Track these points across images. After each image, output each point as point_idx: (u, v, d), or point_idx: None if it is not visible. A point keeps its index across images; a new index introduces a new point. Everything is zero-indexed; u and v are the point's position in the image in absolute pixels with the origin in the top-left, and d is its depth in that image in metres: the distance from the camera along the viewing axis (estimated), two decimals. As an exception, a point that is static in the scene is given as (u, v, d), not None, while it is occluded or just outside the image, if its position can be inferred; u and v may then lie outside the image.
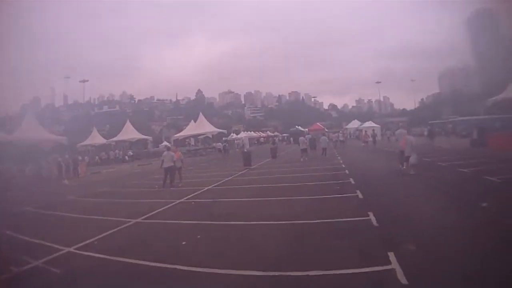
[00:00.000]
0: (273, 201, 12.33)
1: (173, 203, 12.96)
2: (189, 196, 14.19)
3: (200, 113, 52.05)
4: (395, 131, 24.32)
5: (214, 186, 16.90)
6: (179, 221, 10.13)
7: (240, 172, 22.03)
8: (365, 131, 38.59)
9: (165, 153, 17.93)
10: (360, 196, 11.79)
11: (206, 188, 16.10)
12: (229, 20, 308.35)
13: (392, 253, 6.20)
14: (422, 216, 8.87)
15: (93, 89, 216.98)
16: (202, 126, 49.16)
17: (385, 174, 16.99)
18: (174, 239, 8.34)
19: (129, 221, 10.31)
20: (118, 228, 9.65)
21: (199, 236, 8.37)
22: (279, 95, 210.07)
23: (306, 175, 18.33)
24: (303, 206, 11.04)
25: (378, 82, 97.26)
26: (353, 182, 14.85)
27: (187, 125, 55.56)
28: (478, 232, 7.26)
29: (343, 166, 21.31)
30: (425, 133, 42.16)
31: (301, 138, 30.67)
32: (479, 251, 6.15)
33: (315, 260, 6.34)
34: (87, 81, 74.96)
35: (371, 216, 8.89)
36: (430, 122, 68.91)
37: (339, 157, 27.84)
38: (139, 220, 10.51)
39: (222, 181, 18.45)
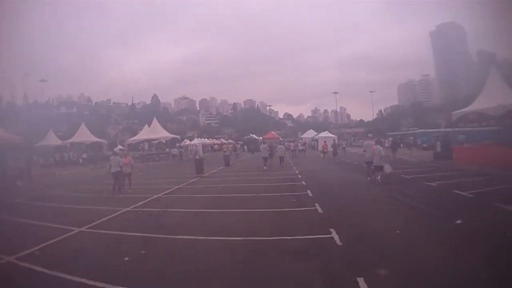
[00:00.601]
0: (224, 213, 11.68)
1: (120, 212, 12.45)
2: (137, 205, 13.67)
3: (154, 118, 51.75)
4: (364, 142, 23.76)
5: (164, 194, 16.46)
6: (124, 233, 9.51)
7: (192, 180, 21.71)
8: (325, 141, 37.80)
9: (112, 157, 17.64)
10: (320, 210, 11.14)
11: (155, 196, 15.65)
12: (187, 26, 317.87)
13: (361, 279, 5.58)
14: (392, 235, 8.25)
15: (53, 89, 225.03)
16: (155, 131, 49.51)
17: (346, 187, 16.55)
18: (117, 253, 7.79)
19: (72, 230, 9.86)
20: (61, 237, 9.20)
21: (143, 252, 7.76)
22: (234, 103, 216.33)
23: (260, 186, 17.97)
24: (257, 220, 10.37)
25: (335, 93, 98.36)
26: (311, 194, 14.35)
27: (141, 129, 55.78)
28: (457, 251, 6.90)
29: (299, 176, 21.01)
30: (386, 144, 43.14)
31: (262, 146, 32.29)
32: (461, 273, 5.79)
33: (269, 286, 5.69)
34: (47, 81, 74.55)
35: (334, 234, 8.23)
36: (389, 133, 70.22)
37: (294, 167, 27.68)
38: (83, 229, 10.02)
39: (173, 189, 18.01)
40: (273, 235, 8.49)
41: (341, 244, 7.58)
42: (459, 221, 8.99)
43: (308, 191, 15.05)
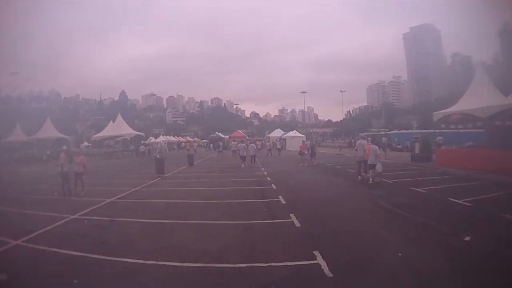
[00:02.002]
0: (181, 226, 9.69)
1: (64, 220, 10.67)
2: (85, 211, 11.94)
3: (119, 114, 52.00)
4: (356, 142, 23.91)
5: (118, 198, 14.71)
6: (60, 250, 7.70)
7: (152, 181, 19.98)
8: (303, 141, 35.70)
9: (61, 155, 16.21)
10: (297, 223, 9.28)
11: (108, 201, 13.90)
12: (157, 23, 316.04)
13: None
14: (394, 260, 6.52)
15: (25, 84, 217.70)
16: (119, 128, 49.72)
17: (327, 194, 14.73)
18: (48, 277, 6.34)
19: (8, 243, 8.25)
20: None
21: (76, 281, 6.06)
22: (201, 101, 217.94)
23: (226, 189, 16.19)
24: (219, 236, 8.44)
25: (303, 92, 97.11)
26: (283, 201, 12.49)
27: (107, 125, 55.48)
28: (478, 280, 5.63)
29: (269, 179, 19.32)
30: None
31: (240, 144, 32.58)
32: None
33: None
34: (17, 73, 72.96)
35: (319, 259, 6.44)
36: (361, 134, 69.74)
37: (263, 168, 26.14)
38: (19, 242, 8.39)
39: (129, 191, 16.25)
40: (242, 261, 6.63)
41: (330, 275, 5.81)
42: (467, 238, 7.62)
43: (280, 197, 13.22)
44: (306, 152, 28.73)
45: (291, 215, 10.03)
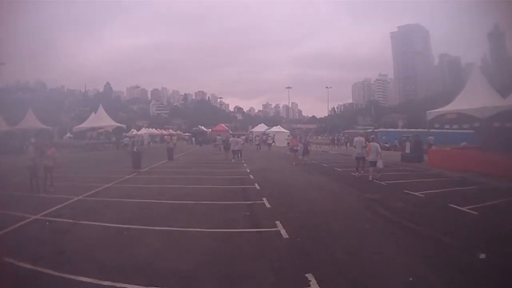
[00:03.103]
0: (149, 233, 8.34)
1: (23, 222, 9.45)
2: (49, 211, 10.68)
3: (100, 105, 51.35)
4: (354, 139, 22.63)
5: (88, 195, 13.40)
6: (15, 262, 6.32)
7: (127, 177, 18.63)
8: (294, 136, 33.93)
9: (30, 148, 15.48)
10: (284, 234, 7.94)
11: (76, 199, 12.58)
12: (142, 15, 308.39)
13: None
14: (404, 283, 5.43)
15: (13, 74, 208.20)
16: (101, 119, 48.66)
17: (315, 197, 13.39)
18: None
19: None
20: None
21: None
22: (185, 94, 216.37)
23: (204, 188, 14.84)
24: (192, 250, 7.14)
25: (288, 87, 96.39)
26: (268, 205, 11.16)
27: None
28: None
29: (252, 177, 18.04)
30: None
31: (231, 139, 32.04)
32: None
33: None
34: (4, 64, 71.09)
35: (313, 285, 5.21)
36: (346, 131, 69.46)
37: (245, 164, 24.68)
38: None
39: (101, 188, 14.97)
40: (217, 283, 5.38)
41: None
42: (483, 256, 6.57)
43: (264, 199, 11.88)
44: (298, 149, 26.73)
45: (277, 222, 8.74)
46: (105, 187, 15.18)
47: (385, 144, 44.35)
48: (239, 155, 29.49)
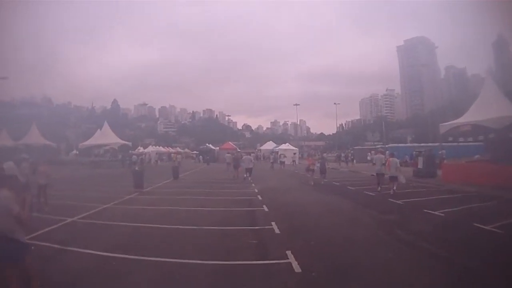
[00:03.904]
0: (142, 265, 7.29)
1: None
2: (38, 233, 9.53)
3: (105, 122, 50.86)
4: (374, 156, 24.99)
5: (82, 217, 12.49)
6: None
7: (127, 197, 17.53)
8: (309, 154, 32.64)
9: (21, 164, 14.04)
10: (296, 267, 6.79)
11: (69, 220, 11.73)
12: (150, 32, 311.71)
13: None
14: None
15: (17, 89, 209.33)
16: (106, 136, 48.08)
17: (329, 220, 12.36)
18: None
19: None
20: None
21: None
22: (193, 112, 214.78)
23: (209, 211, 13.69)
24: (189, 285, 6.24)
25: (296, 104, 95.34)
26: (277, 230, 10.01)
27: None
28: None
29: (260, 198, 16.82)
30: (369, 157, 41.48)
31: (245, 156, 31.05)
32: None
33: None
34: (7, 78, 71.50)
35: None
36: (355, 147, 68.59)
37: (253, 184, 23.33)
38: None
39: (97, 209, 13.98)
40: None
41: None
42: None
43: (273, 224, 10.73)
44: (315, 168, 24.55)
45: (288, 252, 7.61)
46: (102, 208, 14.23)
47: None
48: (249, 173, 28.03)
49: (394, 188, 17.38)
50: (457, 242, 8.65)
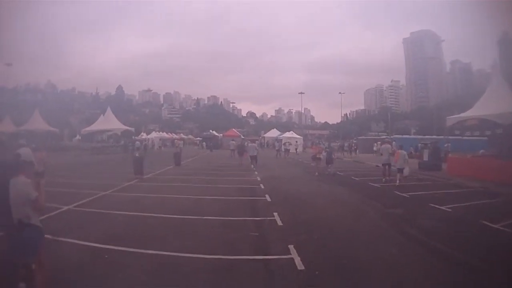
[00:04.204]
0: (138, 258, 6.84)
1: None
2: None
3: (108, 108, 50.21)
4: (381, 146, 23.44)
5: (79, 205, 11.97)
6: None
7: (126, 184, 16.98)
8: (314, 142, 31.61)
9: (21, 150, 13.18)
10: (299, 264, 6.37)
11: (65, 208, 11.11)
12: (156, 18, 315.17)
13: None
14: None
15: (22, 76, 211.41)
16: (108, 122, 47.58)
17: (333, 213, 11.91)
18: None
19: None
20: None
21: None
22: (197, 98, 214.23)
23: (210, 200, 13.25)
24: (183, 281, 5.79)
25: (301, 93, 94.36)
26: (280, 222, 9.55)
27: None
28: None
29: (263, 187, 16.40)
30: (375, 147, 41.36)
31: (250, 144, 31.73)
32: None
33: None
34: (11, 64, 71.93)
35: None
36: (359, 137, 68.16)
37: (256, 172, 22.89)
38: None
39: (95, 196, 13.48)
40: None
41: None
42: None
43: (276, 214, 10.28)
44: (321, 157, 23.95)
45: (291, 247, 7.20)
46: (100, 196, 13.74)
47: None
48: (254, 161, 28.17)
49: (400, 179, 17.46)
50: (464, 240, 8.28)
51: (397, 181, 17.32)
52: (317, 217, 10.42)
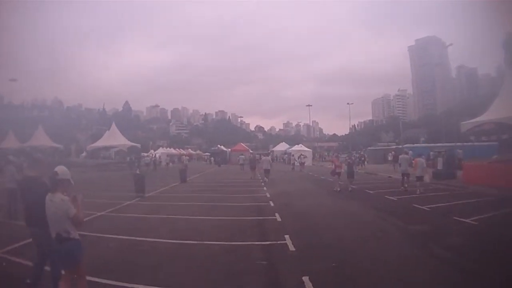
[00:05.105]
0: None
1: None
2: (16, 245, 8.37)
3: (113, 124, 50.04)
4: (400, 156, 23.32)
5: None
6: None
7: (126, 203, 15.70)
8: (335, 154, 29.01)
9: (8, 168, 13.58)
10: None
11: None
12: (162, 34, 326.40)
13: None
14: None
15: (29, 92, 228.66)
16: (114, 138, 47.35)
17: (352, 234, 10.75)
18: None
19: None
20: None
21: None
22: (205, 113, 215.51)
23: (214, 221, 11.94)
24: None
25: (309, 105, 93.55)
26: (292, 247, 8.23)
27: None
28: None
29: (272, 205, 15.13)
30: (389, 157, 40.19)
31: (264, 158, 30.83)
32: None
33: None
34: (16, 80, 73.24)
35: None
36: (369, 148, 67.26)
37: (265, 188, 21.66)
38: None
39: (91, 217, 12.08)
40: None
41: None
42: None
43: (287, 237, 9.03)
44: (342, 171, 20.84)
45: (305, 279, 6.02)
46: (96, 216, 12.56)
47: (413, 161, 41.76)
48: (267, 174, 27.05)
49: (421, 189, 17.68)
50: (498, 257, 7.27)
51: (418, 190, 17.59)
52: (334, 239, 9.08)
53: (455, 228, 10.22)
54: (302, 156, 45.55)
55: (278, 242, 8.71)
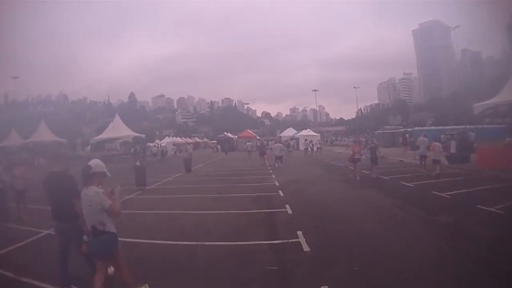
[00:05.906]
0: None
1: None
2: (4, 251, 7.87)
3: (116, 115, 48.89)
4: (418, 139, 22.25)
5: None
6: None
7: (126, 198, 14.33)
8: (357, 141, 25.31)
9: None
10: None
11: (45, 233, 8.86)
12: (166, 23, 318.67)
13: None
14: None
15: (33, 88, 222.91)
16: (118, 129, 45.80)
17: (370, 228, 9.71)
18: None
19: None
20: None
21: None
22: (211, 101, 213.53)
23: (218, 215, 10.96)
24: None
25: (315, 90, 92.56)
26: (306, 247, 7.20)
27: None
28: None
29: (282, 194, 14.20)
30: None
31: (276, 145, 30.74)
32: None
33: None
34: (17, 77, 73.68)
35: None
36: (378, 131, 66.42)
37: (273, 176, 20.79)
38: None
39: None
40: None
41: None
42: None
43: (300, 234, 8.04)
44: (361, 157, 19.14)
45: None
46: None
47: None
48: (280, 161, 26.59)
49: (438, 171, 17.80)
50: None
51: (435, 172, 17.75)
52: (353, 235, 8.03)
53: (480, 217, 9.25)
54: (309, 142, 44.48)
55: (290, 240, 7.69)
